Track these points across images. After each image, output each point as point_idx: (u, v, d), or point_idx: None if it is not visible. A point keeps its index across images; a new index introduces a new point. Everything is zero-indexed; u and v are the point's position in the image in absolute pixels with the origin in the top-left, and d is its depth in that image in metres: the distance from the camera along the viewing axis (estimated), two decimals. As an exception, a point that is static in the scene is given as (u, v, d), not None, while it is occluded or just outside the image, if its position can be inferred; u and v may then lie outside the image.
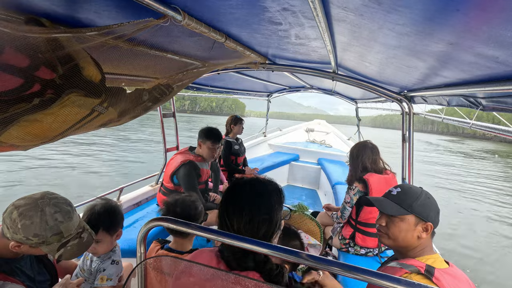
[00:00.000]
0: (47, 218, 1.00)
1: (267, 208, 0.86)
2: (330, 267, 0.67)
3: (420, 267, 0.95)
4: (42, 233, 0.98)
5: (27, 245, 1.00)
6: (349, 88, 3.65)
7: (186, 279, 0.81)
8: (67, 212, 1.06)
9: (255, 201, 0.86)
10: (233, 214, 0.85)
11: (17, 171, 8.34)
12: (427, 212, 1.07)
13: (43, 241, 0.99)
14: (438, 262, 1.00)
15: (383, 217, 1.15)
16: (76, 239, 1.07)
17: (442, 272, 0.94)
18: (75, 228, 1.07)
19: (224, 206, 0.88)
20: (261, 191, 0.89)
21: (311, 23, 0.99)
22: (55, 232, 1.01)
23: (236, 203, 0.87)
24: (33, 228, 0.97)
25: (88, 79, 1.01)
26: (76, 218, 1.09)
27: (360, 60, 1.59)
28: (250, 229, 0.83)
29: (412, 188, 1.16)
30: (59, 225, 1.02)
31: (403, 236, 1.08)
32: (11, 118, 0.84)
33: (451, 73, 1.09)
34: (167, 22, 1.05)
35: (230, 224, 0.84)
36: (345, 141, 7.07)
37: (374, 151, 2.30)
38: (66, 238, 1.04)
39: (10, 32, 0.58)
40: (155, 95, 1.64)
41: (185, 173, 2.46)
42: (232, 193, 0.90)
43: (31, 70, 0.77)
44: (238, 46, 1.59)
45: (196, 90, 3.44)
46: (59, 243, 1.02)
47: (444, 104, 1.50)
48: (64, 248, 1.03)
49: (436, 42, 0.75)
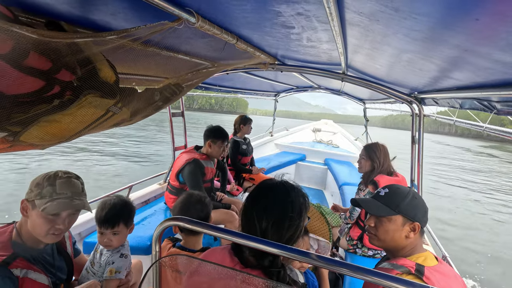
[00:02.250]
0: (50, 174, 1.14)
1: (298, 213, 0.87)
2: (340, 269, 0.68)
3: (410, 267, 0.96)
4: (41, 181, 1.11)
5: (30, 205, 1.09)
6: (357, 88, 3.62)
7: (201, 278, 0.83)
8: (70, 176, 1.18)
9: (287, 204, 0.87)
10: (262, 214, 0.85)
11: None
12: (414, 212, 1.08)
13: (39, 192, 1.09)
14: (428, 259, 1.02)
15: (371, 218, 1.17)
16: (67, 199, 1.13)
17: (431, 270, 0.96)
18: (72, 191, 1.15)
19: (251, 206, 0.88)
20: (293, 195, 0.89)
21: (324, 27, 0.99)
22: (50, 183, 1.12)
23: (266, 203, 0.87)
24: (38, 180, 1.12)
25: (104, 80, 1.04)
26: (77, 184, 1.19)
27: (371, 62, 1.59)
28: (277, 232, 0.83)
29: (400, 188, 1.17)
30: (56, 179, 1.13)
31: (391, 236, 1.10)
32: (32, 119, 0.87)
33: (464, 76, 1.08)
34: (181, 25, 1.07)
35: (258, 224, 0.84)
36: (352, 141, 7.02)
37: (386, 151, 2.31)
38: (58, 195, 1.12)
39: (36, 37, 0.60)
40: (166, 95, 1.66)
41: (190, 172, 2.49)
42: (262, 193, 0.91)
43: (52, 72, 0.79)
44: (248, 47, 1.60)
45: (205, 90, 3.47)
46: (51, 197, 1.10)
47: (456, 107, 1.48)
48: (51, 202, 1.10)
49: (451, 48, 0.75)
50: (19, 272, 1.03)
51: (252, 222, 0.86)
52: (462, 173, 15.17)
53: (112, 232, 1.37)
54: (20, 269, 1.04)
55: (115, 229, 1.37)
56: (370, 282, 0.66)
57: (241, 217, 0.90)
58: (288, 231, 0.85)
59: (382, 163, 2.27)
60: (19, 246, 1.08)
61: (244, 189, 3.74)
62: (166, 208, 2.77)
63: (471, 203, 9.47)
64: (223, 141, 2.61)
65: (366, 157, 2.35)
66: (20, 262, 1.05)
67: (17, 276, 1.02)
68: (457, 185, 12.24)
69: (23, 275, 1.04)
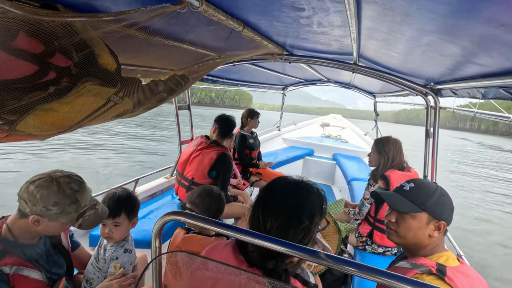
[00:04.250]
0: (63, 187, 1.04)
1: (309, 216, 0.80)
2: (349, 268, 0.61)
3: (431, 267, 0.90)
4: (60, 201, 1.01)
5: (46, 218, 1.02)
6: (367, 81, 3.51)
7: (203, 275, 0.78)
8: (80, 182, 1.11)
9: (297, 205, 0.81)
10: (268, 214, 0.80)
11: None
12: (441, 210, 1.01)
13: (62, 211, 1.02)
14: (450, 260, 0.95)
15: (393, 213, 1.09)
16: (92, 210, 1.11)
17: (454, 270, 0.89)
18: (89, 199, 1.11)
19: (258, 204, 0.83)
20: (305, 196, 0.82)
21: (337, 7, 0.91)
22: (72, 200, 1.04)
23: (274, 203, 0.81)
24: (52, 197, 1.00)
25: (103, 67, 0.99)
26: (89, 190, 1.13)
27: (385, 49, 1.49)
28: (280, 235, 0.76)
29: (426, 183, 1.09)
30: (76, 194, 1.06)
31: (413, 234, 1.03)
32: (27, 107, 0.82)
33: (492, 60, 0.98)
34: (184, 9, 1.01)
35: (263, 225, 0.79)
36: (362, 136, 6.89)
37: (398, 145, 2.21)
38: (83, 208, 1.07)
39: (22, 14, 0.55)
40: (170, 85, 1.61)
41: (227, 164, 2.49)
42: (271, 192, 0.85)
43: (46, 56, 0.74)
44: (255, 35, 1.53)
45: (211, 83, 3.41)
46: (77, 213, 1.06)
47: (478, 97, 1.38)
48: (82, 218, 1.07)
49: (483, 22, 0.66)
50: (9, 269, 1.00)
51: (257, 221, 0.81)
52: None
53: (114, 223, 1.34)
54: (10, 266, 1.00)
55: (116, 219, 1.35)
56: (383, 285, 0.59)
57: (250, 214, 0.85)
58: (295, 235, 0.79)
59: (392, 158, 2.18)
60: (9, 242, 1.04)
61: (251, 183, 3.71)
62: (173, 202, 2.74)
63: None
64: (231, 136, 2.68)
65: (375, 151, 2.26)
66: (10, 259, 1.01)
67: (7, 274, 0.99)
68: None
69: (14, 272, 1.01)
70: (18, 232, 1.06)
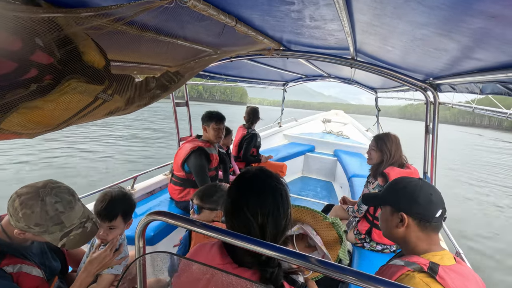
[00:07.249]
0: (47, 208, 0.98)
1: (285, 197, 0.83)
2: (344, 276, 0.60)
3: (423, 265, 0.88)
4: (42, 222, 0.97)
5: (30, 234, 1.00)
6: (368, 76, 3.46)
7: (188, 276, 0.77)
8: (68, 202, 1.04)
9: (274, 191, 0.82)
10: (255, 208, 0.78)
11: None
12: (398, 201, 1.02)
13: (44, 230, 0.99)
14: (445, 259, 0.93)
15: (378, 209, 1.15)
16: (79, 229, 1.05)
17: (447, 269, 0.87)
18: (77, 218, 1.05)
19: (239, 206, 0.80)
20: (274, 181, 0.83)
21: (326, 1, 0.89)
22: (56, 222, 0.99)
23: (256, 197, 0.80)
24: (33, 218, 0.96)
25: (89, 64, 0.97)
26: (78, 208, 1.07)
27: (382, 44, 1.46)
28: (275, 222, 0.79)
29: (399, 178, 1.10)
30: (60, 215, 1.00)
31: (385, 227, 1.08)
32: (9, 105, 0.81)
33: (488, 55, 0.95)
34: (172, 3, 0.99)
35: (255, 220, 0.78)
36: (363, 132, 6.83)
37: (397, 142, 2.18)
38: (69, 228, 1.03)
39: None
40: (163, 82, 1.59)
41: (196, 160, 2.47)
42: (247, 188, 0.83)
43: (25, 53, 0.73)
44: (249, 30, 1.51)
45: (210, 79, 3.39)
46: (61, 232, 1.01)
47: (476, 92, 1.35)
48: (67, 237, 1.02)
49: (475, 15, 0.63)
50: (12, 268, 1.01)
51: (247, 221, 0.79)
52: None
53: (109, 227, 1.33)
54: (12, 265, 1.02)
55: (113, 223, 1.33)
56: None
57: (229, 222, 0.82)
58: (284, 218, 0.81)
59: (393, 155, 2.15)
60: (4, 244, 1.04)
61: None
62: (171, 199, 2.74)
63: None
64: (217, 122, 2.58)
65: (375, 148, 2.23)
66: (10, 259, 1.02)
67: (10, 273, 1.00)
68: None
69: (17, 270, 1.02)
70: (12, 234, 1.05)
